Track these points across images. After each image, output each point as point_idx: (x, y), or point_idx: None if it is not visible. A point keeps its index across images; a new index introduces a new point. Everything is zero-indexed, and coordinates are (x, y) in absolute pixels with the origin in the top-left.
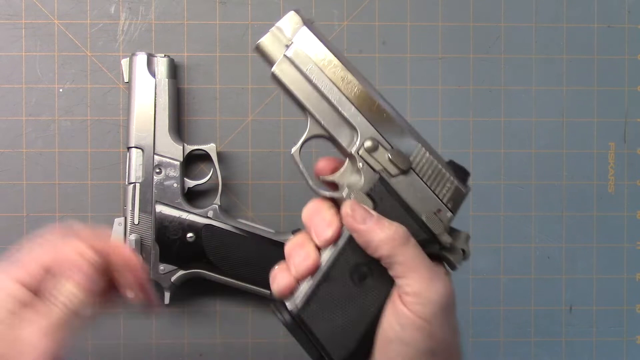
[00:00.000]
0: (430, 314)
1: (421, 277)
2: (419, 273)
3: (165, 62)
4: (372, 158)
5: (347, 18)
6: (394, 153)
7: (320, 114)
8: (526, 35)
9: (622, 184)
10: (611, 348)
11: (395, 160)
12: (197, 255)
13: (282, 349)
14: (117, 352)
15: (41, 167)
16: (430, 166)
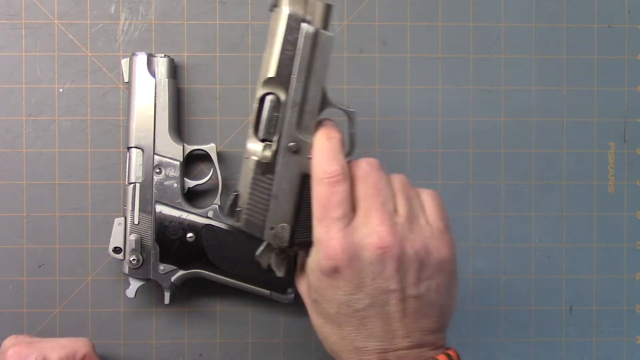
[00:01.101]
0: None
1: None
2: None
3: (165, 62)
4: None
5: (347, 18)
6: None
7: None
8: (526, 35)
9: (622, 184)
10: (611, 348)
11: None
12: (197, 255)
13: (282, 349)
14: (117, 352)
15: (41, 167)
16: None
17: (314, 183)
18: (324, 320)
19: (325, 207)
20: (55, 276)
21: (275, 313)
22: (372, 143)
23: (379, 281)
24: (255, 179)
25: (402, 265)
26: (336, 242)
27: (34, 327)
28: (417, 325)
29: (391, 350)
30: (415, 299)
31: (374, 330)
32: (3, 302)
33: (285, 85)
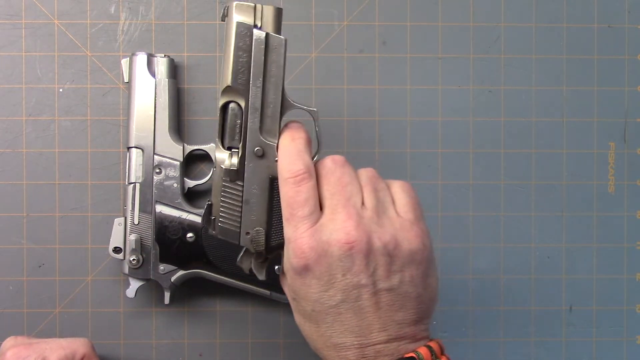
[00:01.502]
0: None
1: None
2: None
3: (165, 62)
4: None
5: (347, 18)
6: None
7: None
8: (526, 35)
9: (622, 184)
10: (611, 348)
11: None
12: (197, 255)
13: (282, 349)
14: (117, 352)
15: (41, 167)
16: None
17: (280, 184)
18: (304, 319)
19: (292, 207)
20: (55, 276)
21: (275, 313)
22: (372, 143)
23: (349, 276)
24: (225, 187)
25: (371, 259)
26: (304, 240)
27: (33, 327)
28: (392, 318)
29: (369, 345)
30: (388, 292)
31: (349, 326)
32: (3, 302)
33: (243, 92)
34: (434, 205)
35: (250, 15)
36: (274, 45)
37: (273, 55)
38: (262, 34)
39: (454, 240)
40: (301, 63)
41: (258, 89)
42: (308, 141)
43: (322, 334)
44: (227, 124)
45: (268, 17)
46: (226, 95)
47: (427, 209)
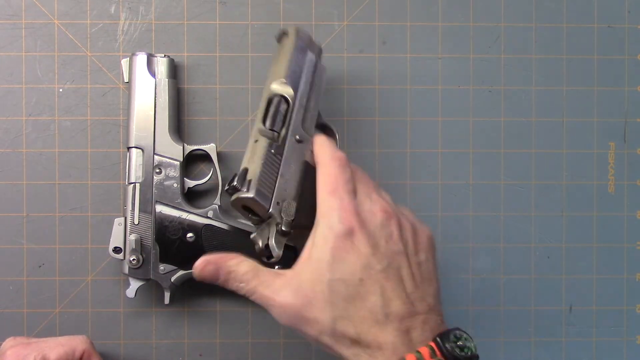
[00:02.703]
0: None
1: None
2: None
3: (165, 62)
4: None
5: (347, 18)
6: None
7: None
8: (526, 35)
9: (622, 184)
10: (611, 348)
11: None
12: (197, 255)
13: (282, 349)
14: (117, 352)
15: (41, 167)
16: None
17: (324, 164)
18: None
19: (337, 182)
20: (55, 276)
21: None
22: (372, 143)
23: (390, 244)
24: (267, 156)
25: (403, 233)
26: (350, 207)
27: (33, 328)
28: (427, 290)
29: (415, 314)
30: (418, 265)
31: (396, 293)
32: (3, 302)
33: (293, 88)
34: (434, 205)
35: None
36: (319, 69)
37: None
38: (314, 57)
39: (454, 240)
40: None
41: (305, 92)
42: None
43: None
44: (272, 109)
45: (315, 49)
46: (278, 86)
47: (427, 209)
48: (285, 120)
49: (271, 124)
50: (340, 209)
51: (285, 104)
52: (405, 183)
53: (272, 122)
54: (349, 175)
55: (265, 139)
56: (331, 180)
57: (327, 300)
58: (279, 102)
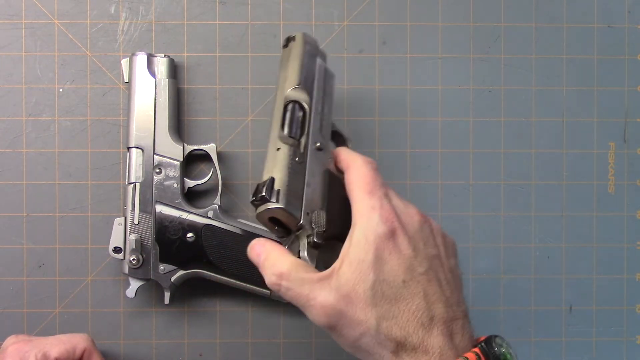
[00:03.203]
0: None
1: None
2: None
3: (165, 62)
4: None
5: (347, 18)
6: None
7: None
8: (526, 35)
9: (622, 184)
10: (611, 348)
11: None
12: (197, 255)
13: (282, 349)
14: (117, 352)
15: (41, 167)
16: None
17: (358, 166)
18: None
19: (374, 184)
20: (55, 276)
21: (275, 313)
22: (372, 143)
23: (429, 247)
24: (292, 164)
25: (437, 237)
26: (390, 208)
27: (34, 327)
28: (459, 295)
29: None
30: (450, 271)
31: (438, 296)
32: (3, 302)
33: (308, 94)
34: (434, 205)
35: (314, 45)
36: (329, 75)
37: (328, 82)
38: (323, 62)
39: None
40: None
41: (320, 97)
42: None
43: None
44: (288, 116)
45: (323, 54)
46: (293, 92)
47: (427, 209)
48: (304, 127)
49: (290, 130)
50: (380, 209)
51: (301, 110)
52: (405, 183)
53: (291, 128)
54: (382, 179)
55: (288, 147)
56: (368, 181)
57: (370, 301)
58: (295, 108)
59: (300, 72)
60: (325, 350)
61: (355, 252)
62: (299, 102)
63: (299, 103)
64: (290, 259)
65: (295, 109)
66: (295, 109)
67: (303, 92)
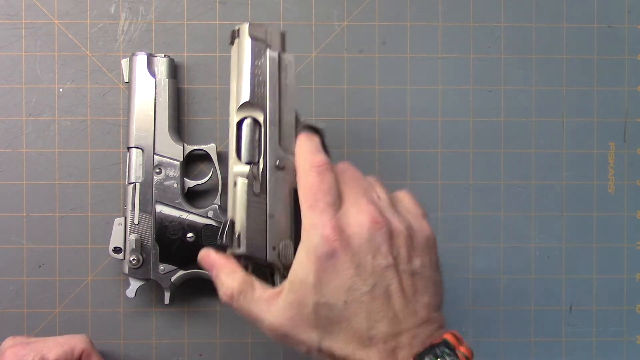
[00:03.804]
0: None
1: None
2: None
3: (165, 62)
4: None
5: (347, 18)
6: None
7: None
8: (526, 35)
9: (622, 184)
10: (611, 348)
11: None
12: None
13: (282, 349)
14: (117, 352)
15: (41, 167)
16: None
17: (302, 175)
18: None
19: (316, 195)
20: (55, 276)
21: None
22: (372, 143)
23: (378, 258)
24: (249, 201)
25: (394, 242)
26: (332, 224)
27: (33, 327)
28: (420, 301)
29: (402, 332)
30: (412, 276)
31: (383, 313)
32: (3, 302)
33: (261, 108)
34: (434, 205)
35: (262, 35)
36: (285, 63)
37: (284, 74)
38: (275, 53)
39: (454, 240)
40: (301, 63)
41: (275, 104)
42: (321, 144)
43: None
44: (245, 138)
45: (276, 40)
46: (243, 111)
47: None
48: (261, 147)
49: (247, 155)
50: (321, 226)
51: (256, 126)
52: (405, 183)
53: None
54: (329, 183)
55: (243, 180)
56: (310, 192)
57: (313, 323)
58: (248, 127)
59: (248, 81)
60: None
61: (298, 273)
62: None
63: (253, 118)
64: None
65: (249, 128)
66: (249, 127)
67: (253, 106)
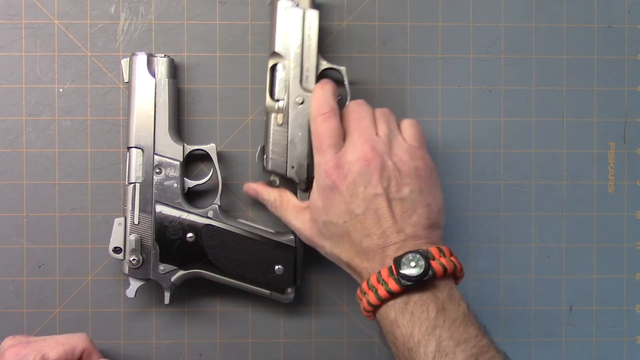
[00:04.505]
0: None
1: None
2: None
3: (165, 62)
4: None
5: (347, 18)
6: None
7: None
8: (526, 35)
9: (622, 184)
10: (611, 348)
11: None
12: (197, 256)
13: (282, 349)
14: (117, 352)
15: (41, 167)
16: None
17: (312, 121)
18: (334, 241)
19: (320, 138)
20: (55, 276)
21: (275, 313)
22: None
23: (369, 188)
24: (274, 130)
25: (384, 174)
26: (331, 162)
27: (33, 327)
28: (407, 221)
29: (389, 244)
30: (401, 201)
31: (373, 230)
32: (3, 302)
33: (286, 55)
34: None
35: None
36: (308, 17)
37: (307, 26)
38: (300, 10)
39: (454, 240)
40: None
41: (298, 52)
42: (334, 90)
43: (352, 242)
44: (276, 79)
45: None
46: (273, 58)
47: None
48: (286, 87)
49: (271, 94)
50: (324, 164)
51: (283, 71)
52: None
53: (273, 93)
54: (331, 128)
55: (273, 114)
56: (316, 136)
57: (324, 235)
58: (274, 72)
59: (275, 33)
60: (325, 350)
61: (312, 199)
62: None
63: (282, 64)
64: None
65: (275, 72)
66: (275, 72)
67: (279, 54)
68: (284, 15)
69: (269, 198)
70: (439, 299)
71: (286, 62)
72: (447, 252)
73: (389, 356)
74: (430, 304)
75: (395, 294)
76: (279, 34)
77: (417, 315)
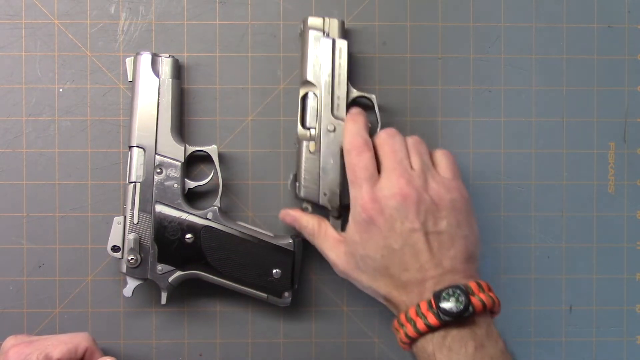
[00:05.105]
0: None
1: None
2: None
3: (169, 63)
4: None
5: (347, 18)
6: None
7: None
8: (526, 35)
9: (622, 184)
10: (611, 348)
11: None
12: (196, 257)
13: (282, 349)
14: (117, 352)
15: (41, 167)
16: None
17: (346, 154)
18: (371, 275)
19: (355, 172)
20: (55, 276)
21: (275, 313)
22: None
23: (406, 223)
24: (306, 158)
25: (421, 209)
26: (367, 197)
27: (34, 327)
28: (445, 255)
29: (428, 279)
30: (438, 235)
31: (411, 264)
32: (3, 302)
33: (318, 84)
34: None
35: (320, 26)
36: (338, 47)
37: (337, 55)
38: (330, 40)
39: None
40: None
41: (328, 80)
42: (366, 122)
43: (392, 275)
44: (307, 108)
45: (334, 27)
46: (305, 87)
47: None
48: (317, 115)
49: (303, 122)
50: (360, 199)
51: (314, 100)
52: None
53: (302, 121)
54: (365, 161)
55: (304, 142)
56: (351, 170)
57: (361, 269)
58: (306, 100)
59: (306, 63)
60: (325, 351)
61: (350, 232)
62: (310, 92)
63: (313, 93)
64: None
65: (306, 101)
66: (306, 101)
67: (310, 83)
68: (315, 45)
69: (307, 225)
70: (477, 335)
71: (317, 90)
72: (485, 287)
73: (389, 356)
74: (469, 340)
75: (433, 328)
76: (309, 63)
77: (455, 351)
